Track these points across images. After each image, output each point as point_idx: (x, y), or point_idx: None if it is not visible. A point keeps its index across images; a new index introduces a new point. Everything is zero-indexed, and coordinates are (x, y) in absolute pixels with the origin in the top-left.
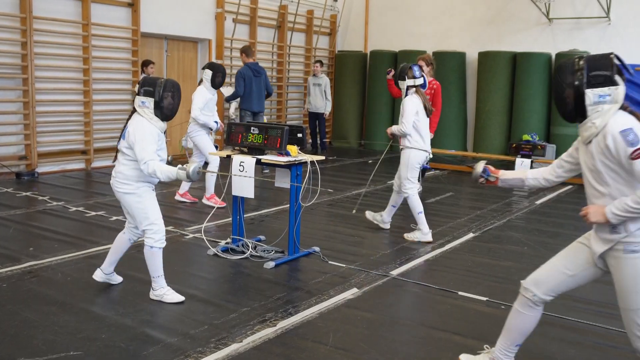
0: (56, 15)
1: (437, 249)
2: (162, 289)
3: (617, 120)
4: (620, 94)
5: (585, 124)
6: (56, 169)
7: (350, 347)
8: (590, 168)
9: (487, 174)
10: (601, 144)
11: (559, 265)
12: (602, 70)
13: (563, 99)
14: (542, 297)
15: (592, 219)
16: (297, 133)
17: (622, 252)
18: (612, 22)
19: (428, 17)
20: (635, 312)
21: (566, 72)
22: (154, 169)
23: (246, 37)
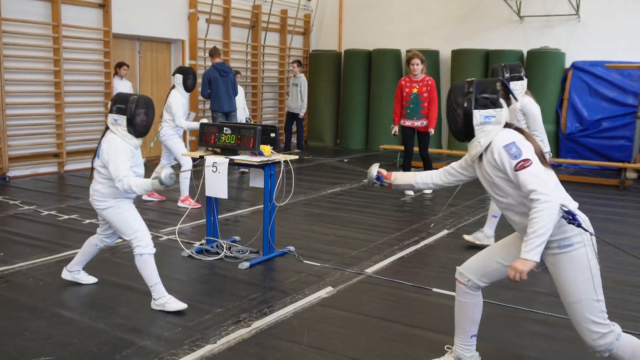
0: (25, 16)
1: (412, 246)
2: (162, 297)
3: (501, 136)
4: (504, 116)
5: (472, 142)
6: (28, 172)
7: (324, 346)
8: (489, 183)
9: (380, 180)
10: (491, 161)
11: (495, 255)
12: (488, 94)
13: (454, 118)
14: (476, 282)
15: (525, 276)
16: (271, 133)
17: (558, 249)
18: (582, 20)
19: (401, 16)
20: (579, 303)
21: (458, 94)
22: (129, 184)
23: (220, 38)
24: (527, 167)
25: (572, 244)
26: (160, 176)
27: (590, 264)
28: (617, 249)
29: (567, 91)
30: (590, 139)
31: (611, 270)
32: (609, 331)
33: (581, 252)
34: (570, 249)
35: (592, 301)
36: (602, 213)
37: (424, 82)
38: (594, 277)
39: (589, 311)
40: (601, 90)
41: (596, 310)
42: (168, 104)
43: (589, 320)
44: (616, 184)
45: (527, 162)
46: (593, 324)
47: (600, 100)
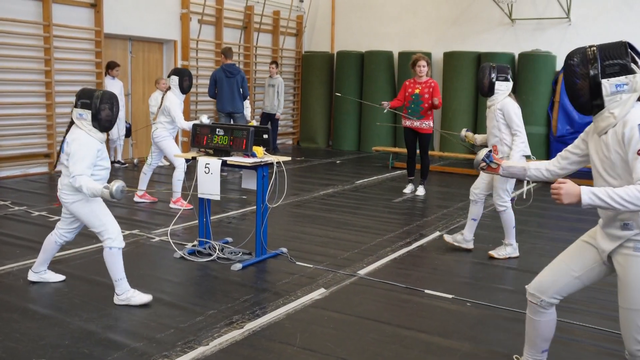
0: (16, 15)
1: (404, 248)
2: (126, 292)
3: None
4: (639, 82)
5: (602, 113)
6: (18, 173)
7: (317, 347)
8: (602, 159)
9: (489, 159)
10: (618, 134)
11: (565, 267)
12: (616, 59)
13: (576, 90)
14: (549, 301)
15: (565, 200)
16: (263, 134)
17: (633, 250)
18: (573, 23)
19: (393, 18)
20: (636, 312)
21: (578, 63)
22: (81, 184)
23: (212, 38)
24: None
25: None
26: (112, 189)
27: None
28: None
29: (558, 94)
30: None
31: None
32: None
33: None
34: None
35: None
36: (594, 215)
37: (427, 83)
38: None
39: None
40: None
41: None
42: (165, 106)
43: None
44: None
45: None
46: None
47: None
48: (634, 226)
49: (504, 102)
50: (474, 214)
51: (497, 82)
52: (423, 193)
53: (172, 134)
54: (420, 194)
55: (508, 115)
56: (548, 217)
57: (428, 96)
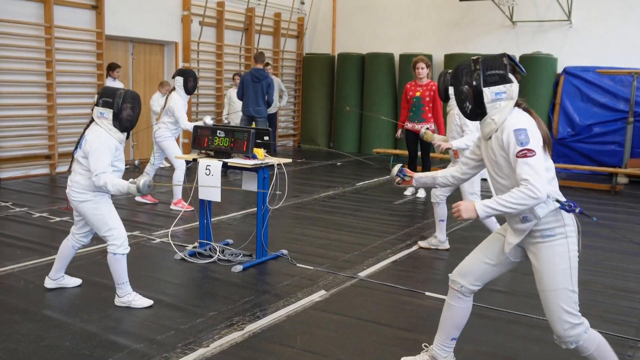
0: (18, 17)
1: (405, 250)
2: (128, 295)
3: (515, 118)
4: (515, 91)
5: (485, 120)
6: (19, 174)
7: (317, 350)
8: (491, 162)
9: (402, 174)
10: (499, 139)
11: (481, 256)
12: (496, 70)
13: (464, 98)
14: (470, 287)
15: (464, 215)
16: (264, 136)
17: (540, 238)
18: (574, 25)
19: (395, 20)
20: (555, 292)
21: (465, 73)
22: (105, 181)
23: (213, 40)
24: (528, 157)
25: (554, 235)
26: (139, 183)
27: (570, 254)
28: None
29: (558, 96)
30: (581, 144)
31: (601, 274)
32: (580, 323)
33: (562, 242)
34: (552, 239)
35: (567, 291)
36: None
37: (428, 86)
38: (572, 268)
39: (564, 301)
40: (593, 95)
41: (570, 301)
42: (169, 107)
43: (562, 309)
44: (607, 189)
45: (531, 152)
46: (566, 313)
47: (592, 106)
48: (531, 217)
49: None
50: (440, 215)
51: (451, 87)
52: (424, 195)
53: (174, 135)
54: (421, 196)
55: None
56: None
57: (429, 99)
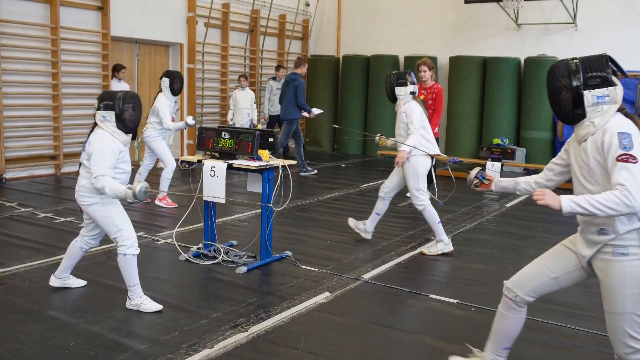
0: (24, 18)
1: (409, 252)
2: (139, 298)
3: (619, 122)
4: (619, 94)
5: (583, 122)
6: (24, 174)
7: (321, 352)
8: (581, 166)
9: (482, 177)
10: (598, 141)
11: (543, 267)
12: (598, 72)
13: (559, 100)
14: (524, 298)
15: (548, 201)
16: (269, 138)
17: (611, 255)
18: (579, 28)
19: (399, 22)
20: (621, 316)
21: (562, 74)
22: (104, 184)
23: (218, 42)
24: (630, 162)
25: (627, 254)
26: (135, 189)
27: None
28: None
29: None
30: None
31: None
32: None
33: (635, 264)
34: (624, 259)
35: (635, 316)
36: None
37: (432, 89)
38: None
39: (629, 325)
40: None
41: (637, 326)
42: (154, 107)
43: (627, 334)
44: None
45: (633, 158)
46: (630, 338)
47: None
48: (610, 231)
49: (408, 104)
50: (379, 209)
51: (397, 87)
52: None
53: (162, 135)
54: None
55: (410, 116)
56: (553, 222)
57: (432, 102)
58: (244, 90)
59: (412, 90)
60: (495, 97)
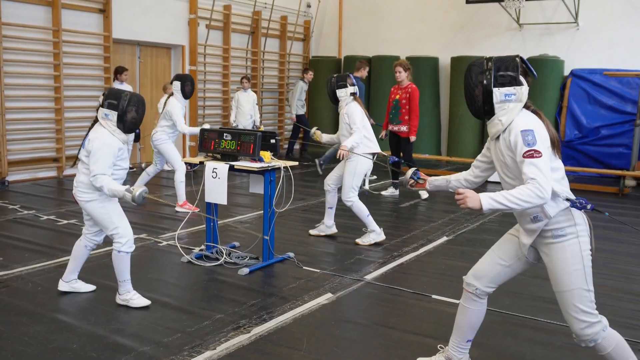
0: (26, 21)
1: (411, 253)
2: (127, 293)
3: (522, 119)
4: (524, 93)
5: (493, 120)
6: (27, 177)
7: (324, 353)
8: (500, 163)
9: (417, 176)
10: (507, 140)
11: (495, 257)
12: (508, 71)
13: (473, 96)
14: (484, 290)
15: (469, 204)
16: (271, 139)
17: (552, 238)
18: (581, 28)
19: (401, 23)
20: (570, 292)
21: (476, 72)
22: (102, 184)
23: (220, 43)
24: (535, 158)
25: (565, 235)
26: (135, 193)
27: (583, 254)
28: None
29: (566, 99)
30: (589, 147)
31: (609, 277)
32: (597, 321)
33: (574, 242)
34: (563, 239)
35: (582, 291)
36: (601, 220)
37: (406, 89)
38: (585, 267)
39: (579, 300)
40: (600, 98)
41: (586, 300)
42: (167, 111)
43: (578, 309)
44: (615, 191)
45: (537, 153)
46: (582, 313)
47: (599, 108)
48: (542, 217)
49: (349, 106)
50: (330, 202)
51: (337, 89)
52: (426, 196)
53: (172, 138)
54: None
55: (351, 117)
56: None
57: (405, 102)
58: (247, 91)
59: (352, 91)
60: None
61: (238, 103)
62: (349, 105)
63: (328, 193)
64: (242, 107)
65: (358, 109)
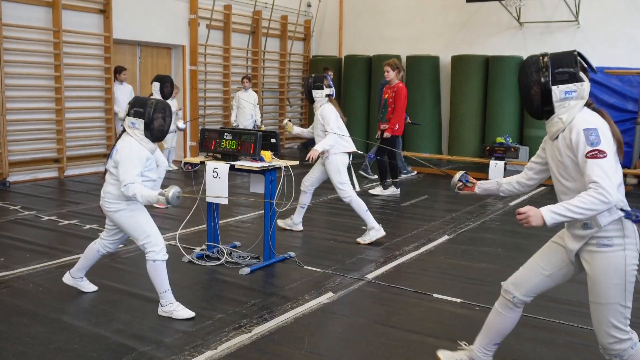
0: (26, 22)
1: (412, 252)
2: (171, 304)
3: (584, 117)
4: (586, 90)
5: (552, 119)
6: (28, 177)
7: (325, 352)
8: (557, 163)
9: (465, 180)
10: (567, 139)
11: (536, 266)
12: (566, 67)
13: (530, 96)
14: (522, 299)
15: (533, 223)
16: (271, 139)
17: (596, 247)
18: (581, 26)
19: (401, 22)
20: (605, 306)
21: (532, 70)
22: (134, 192)
23: (220, 43)
24: (599, 158)
25: (611, 245)
26: (168, 195)
27: (627, 269)
28: None
29: None
30: None
31: None
32: (627, 338)
33: (619, 255)
34: (608, 250)
35: (619, 306)
36: None
37: (392, 88)
38: (627, 283)
39: (613, 315)
40: (601, 96)
41: (620, 316)
42: None
43: (610, 324)
44: None
45: (602, 153)
46: (614, 328)
47: (600, 106)
48: (593, 225)
49: (323, 107)
50: (303, 202)
51: (314, 90)
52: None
53: None
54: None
55: (325, 118)
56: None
57: (392, 100)
58: (247, 91)
59: (327, 92)
60: (498, 96)
61: (239, 103)
62: (323, 107)
63: (304, 194)
64: (243, 107)
65: (332, 110)
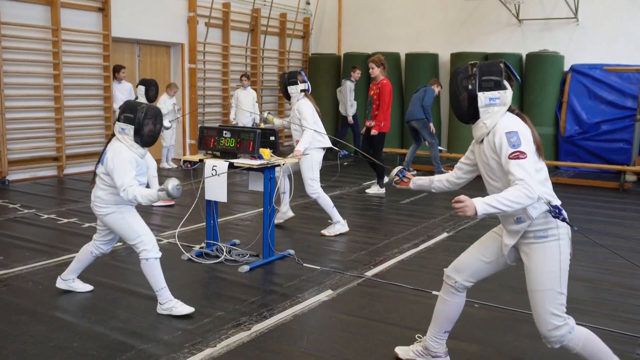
0: (25, 20)
1: (412, 249)
2: (169, 301)
3: (506, 122)
4: (508, 97)
5: (478, 124)
6: (27, 176)
7: (324, 349)
8: (484, 165)
9: (402, 174)
10: (491, 142)
11: (477, 253)
12: (492, 76)
13: (459, 101)
14: (463, 284)
15: (468, 213)
16: (270, 136)
17: (534, 238)
18: (580, 23)
19: (401, 20)
20: (542, 292)
21: (461, 77)
22: (134, 194)
23: (219, 41)
24: (520, 159)
25: (547, 236)
26: (168, 188)
27: (561, 257)
28: (606, 249)
29: (566, 94)
30: (589, 142)
31: (609, 272)
32: (564, 324)
33: (554, 244)
34: (544, 240)
35: (555, 293)
36: (602, 216)
37: (377, 85)
38: (562, 270)
39: (550, 302)
40: (600, 93)
41: (557, 303)
42: None
43: (548, 311)
44: (615, 186)
45: (522, 154)
46: (551, 315)
47: (599, 103)
48: (525, 218)
49: (299, 102)
50: (282, 188)
51: (289, 86)
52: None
53: None
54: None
55: (302, 114)
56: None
57: (376, 97)
58: (246, 89)
59: (302, 88)
60: None
61: (238, 101)
62: (299, 102)
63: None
64: (242, 105)
65: (309, 105)
